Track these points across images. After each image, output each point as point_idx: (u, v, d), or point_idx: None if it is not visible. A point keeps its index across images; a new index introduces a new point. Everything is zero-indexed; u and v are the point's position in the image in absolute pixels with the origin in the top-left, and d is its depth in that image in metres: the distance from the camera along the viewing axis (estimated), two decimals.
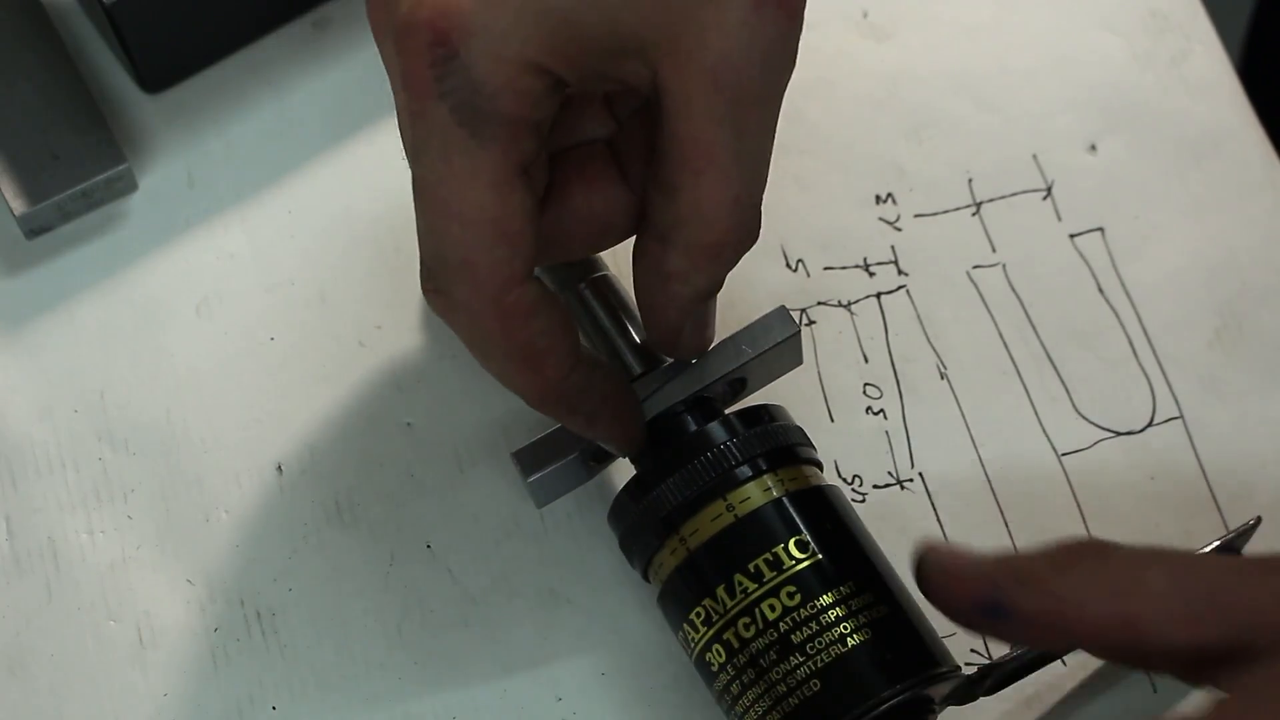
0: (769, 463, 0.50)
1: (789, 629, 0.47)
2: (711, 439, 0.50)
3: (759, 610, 0.48)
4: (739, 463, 0.49)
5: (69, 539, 0.56)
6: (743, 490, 0.49)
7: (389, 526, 0.56)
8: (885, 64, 0.63)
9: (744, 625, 0.48)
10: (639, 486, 0.50)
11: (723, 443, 0.50)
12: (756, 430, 0.50)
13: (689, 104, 0.46)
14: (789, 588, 0.48)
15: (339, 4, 0.63)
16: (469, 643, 0.55)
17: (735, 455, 0.49)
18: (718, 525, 0.49)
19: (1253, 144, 0.62)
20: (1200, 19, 0.64)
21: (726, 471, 0.49)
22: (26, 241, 0.60)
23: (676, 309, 0.49)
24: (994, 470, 0.58)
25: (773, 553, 0.48)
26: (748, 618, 0.48)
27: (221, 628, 0.55)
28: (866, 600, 0.48)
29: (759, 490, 0.49)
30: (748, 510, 0.49)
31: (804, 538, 0.48)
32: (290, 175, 0.61)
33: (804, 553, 0.48)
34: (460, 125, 0.45)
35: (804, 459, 0.51)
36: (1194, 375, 0.59)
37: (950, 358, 0.59)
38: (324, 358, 0.59)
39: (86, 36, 0.63)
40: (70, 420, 0.58)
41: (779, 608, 0.48)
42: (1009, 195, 0.62)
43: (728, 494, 0.49)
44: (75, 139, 0.59)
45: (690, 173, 0.47)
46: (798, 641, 0.47)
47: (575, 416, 0.50)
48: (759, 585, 0.48)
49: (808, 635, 0.47)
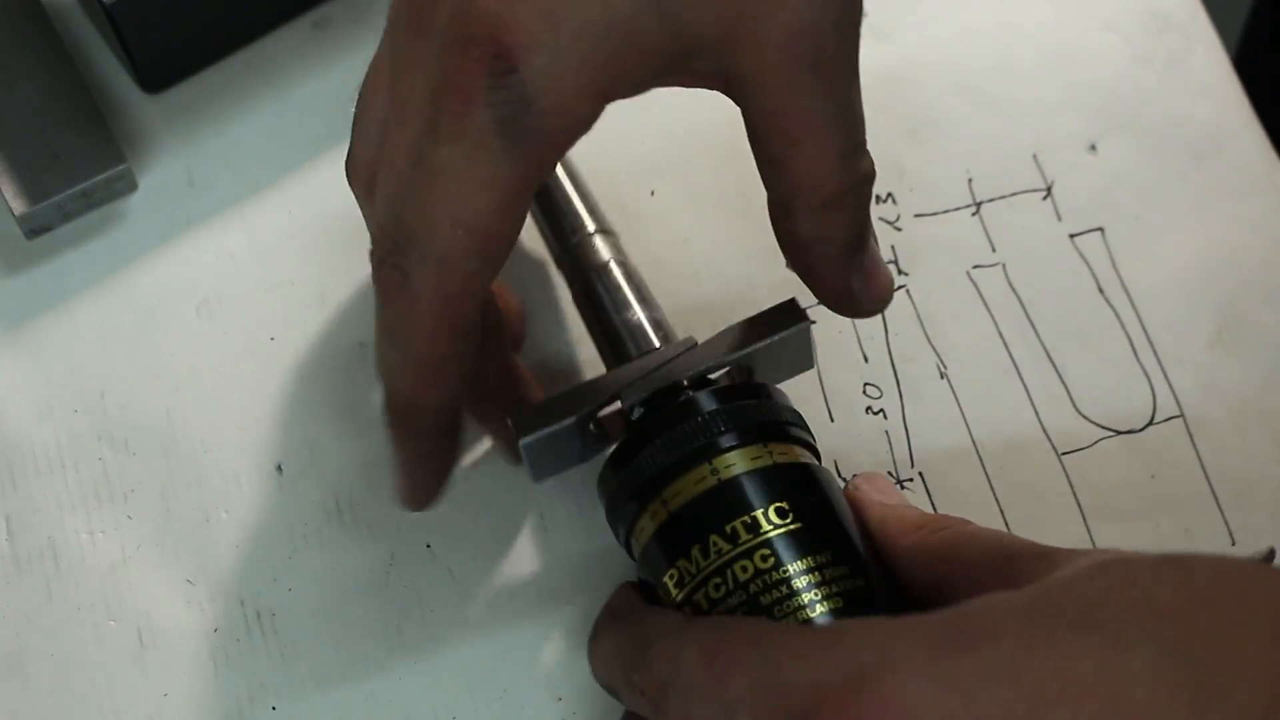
0: (760, 434, 0.49)
1: (758, 591, 0.47)
2: (701, 405, 0.50)
3: (731, 570, 0.47)
4: (728, 429, 0.49)
5: (69, 539, 0.56)
6: (729, 456, 0.49)
7: (389, 526, 0.56)
8: (885, 64, 0.63)
9: (714, 586, 0.47)
10: (627, 449, 0.50)
11: (713, 409, 0.49)
12: (751, 402, 0.50)
13: (768, 82, 0.46)
14: (763, 550, 0.47)
15: (339, 4, 0.63)
16: (469, 643, 0.55)
17: (725, 422, 0.49)
18: (700, 488, 0.48)
19: (1253, 144, 0.62)
20: (1200, 19, 0.64)
21: (714, 437, 0.49)
22: (26, 241, 0.60)
23: (832, 270, 0.49)
24: (994, 470, 0.58)
25: (751, 516, 0.48)
26: (719, 578, 0.47)
27: (221, 628, 0.55)
28: (841, 572, 0.47)
29: (746, 459, 0.49)
30: (731, 475, 0.48)
31: (784, 505, 0.48)
32: (290, 175, 0.61)
33: (783, 519, 0.48)
34: (500, 136, 0.45)
35: (796, 438, 0.50)
36: (1194, 375, 0.59)
37: (950, 357, 0.59)
38: (324, 358, 0.59)
39: (86, 36, 0.63)
40: (70, 420, 0.58)
41: (750, 569, 0.47)
42: (1009, 195, 0.62)
43: (713, 459, 0.49)
44: (75, 139, 0.59)
45: (789, 143, 0.47)
46: (765, 604, 0.46)
47: (412, 443, 0.51)
48: (734, 547, 0.47)
49: (776, 599, 0.46)
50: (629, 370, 0.52)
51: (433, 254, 0.46)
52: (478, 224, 0.45)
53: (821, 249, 0.49)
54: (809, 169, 0.47)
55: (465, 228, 0.46)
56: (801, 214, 0.48)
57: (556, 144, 0.46)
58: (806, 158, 0.47)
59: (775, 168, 0.48)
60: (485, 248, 0.46)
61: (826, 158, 0.47)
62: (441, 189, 0.46)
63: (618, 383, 0.52)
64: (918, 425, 0.58)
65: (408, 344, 0.48)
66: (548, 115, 0.45)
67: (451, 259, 0.46)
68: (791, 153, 0.47)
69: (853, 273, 0.50)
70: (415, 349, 0.48)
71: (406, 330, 0.48)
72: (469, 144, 0.45)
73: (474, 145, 0.45)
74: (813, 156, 0.47)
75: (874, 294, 0.51)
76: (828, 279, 0.50)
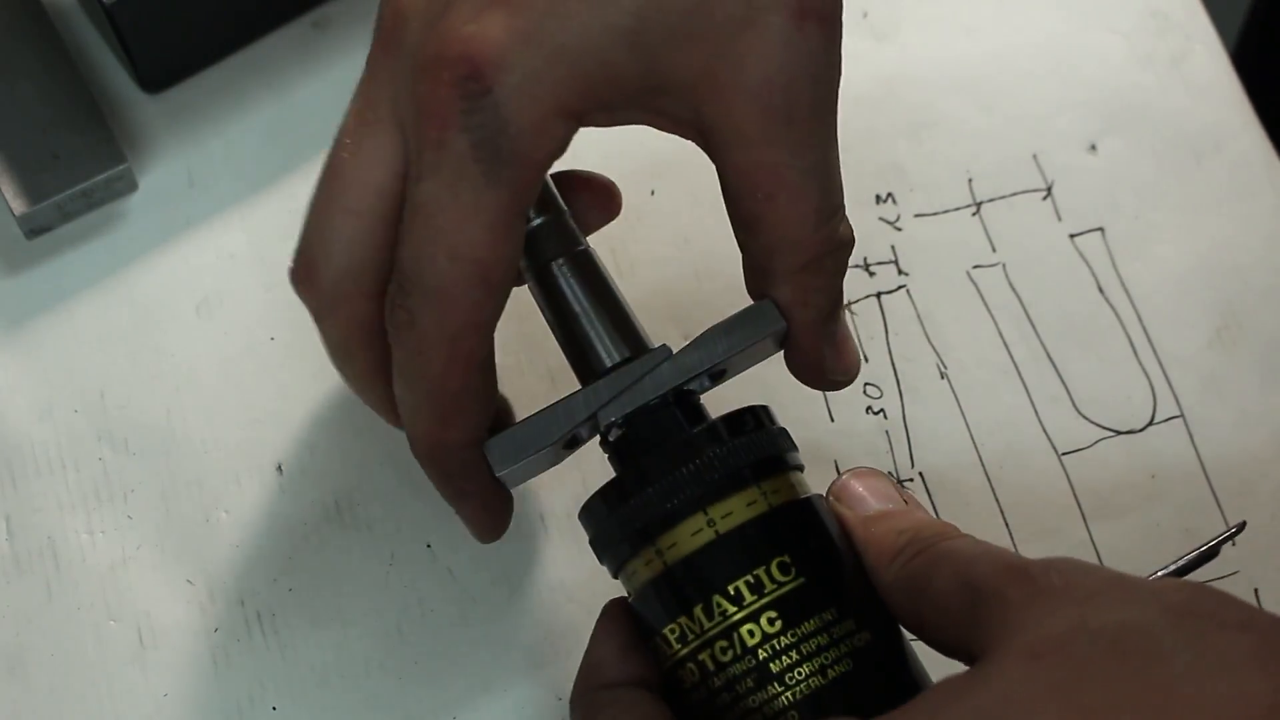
0: (753, 474, 0.47)
1: (768, 657, 0.45)
2: (694, 448, 0.47)
3: (738, 635, 0.46)
4: (722, 475, 0.47)
5: (69, 539, 0.56)
6: (725, 504, 0.47)
7: (389, 526, 0.56)
8: (885, 64, 0.63)
9: (721, 649, 0.46)
10: (616, 491, 0.48)
11: (706, 453, 0.47)
12: (741, 440, 0.48)
13: (741, 133, 0.46)
14: (770, 613, 0.46)
15: (339, 4, 0.63)
16: (469, 643, 0.55)
17: (718, 467, 0.47)
18: (697, 541, 0.47)
19: (1253, 144, 0.62)
20: (1200, 19, 0.64)
21: (709, 484, 0.47)
22: (26, 241, 0.60)
23: (807, 338, 0.49)
24: (994, 470, 0.58)
25: (754, 575, 0.46)
26: (725, 641, 0.46)
27: (222, 628, 0.55)
28: (848, 628, 0.46)
29: (742, 505, 0.47)
30: (730, 527, 0.47)
31: (786, 560, 0.46)
32: (290, 175, 0.61)
33: (786, 575, 0.46)
34: (477, 162, 0.45)
35: (789, 465, 0.48)
36: (1194, 374, 0.59)
37: (950, 357, 0.59)
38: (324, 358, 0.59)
39: (86, 36, 0.63)
40: (70, 420, 0.58)
41: (759, 634, 0.46)
42: (1009, 195, 0.62)
43: (709, 507, 0.47)
44: (75, 139, 0.59)
45: (763, 199, 0.46)
46: (776, 671, 0.45)
47: (449, 484, 0.50)
48: (739, 609, 0.46)
49: (787, 665, 0.45)
50: (602, 387, 0.49)
51: (433, 289, 0.46)
52: (472, 253, 0.45)
53: (797, 314, 0.48)
54: (784, 228, 0.47)
55: (459, 258, 0.45)
56: (778, 277, 0.48)
57: (535, 164, 0.45)
58: (781, 215, 0.47)
59: (750, 228, 0.47)
60: (484, 276, 0.46)
61: (802, 217, 0.47)
62: (431, 223, 0.45)
63: (591, 404, 0.49)
64: (918, 425, 0.58)
65: (421, 383, 0.47)
66: (523, 136, 0.45)
67: (451, 292, 0.46)
68: (766, 210, 0.47)
69: (825, 342, 0.49)
70: (429, 388, 0.47)
71: (418, 370, 0.47)
72: (449, 174, 0.45)
73: (454, 175, 0.45)
74: (788, 215, 0.47)
75: (843, 366, 0.50)
76: (801, 347, 0.49)
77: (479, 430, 0.48)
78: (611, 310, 0.50)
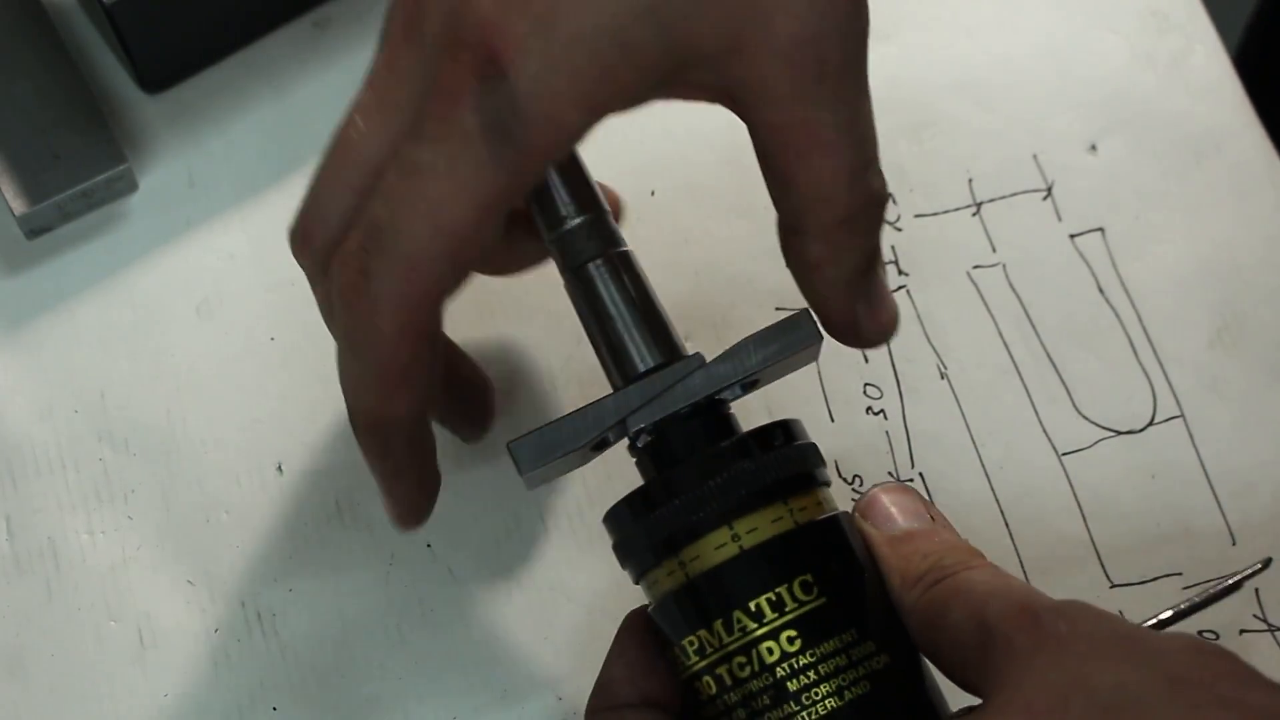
0: (780, 490, 0.47)
1: (785, 675, 0.45)
2: (723, 461, 0.47)
3: (757, 651, 0.46)
4: (749, 490, 0.46)
5: (69, 539, 0.56)
6: (751, 520, 0.46)
7: (389, 526, 0.56)
8: (885, 64, 0.63)
9: (739, 664, 0.46)
10: (643, 500, 0.48)
11: (734, 467, 0.47)
12: (769, 456, 0.47)
13: (771, 92, 0.45)
14: (789, 632, 0.45)
15: (339, 4, 0.63)
16: (469, 643, 0.55)
17: (746, 482, 0.47)
18: (721, 555, 0.46)
19: (1253, 144, 0.62)
20: (1200, 19, 0.64)
21: (735, 499, 0.46)
22: (26, 241, 0.60)
23: (838, 295, 0.48)
24: (994, 470, 0.58)
25: (776, 592, 0.46)
26: (744, 657, 0.46)
27: (222, 628, 0.55)
28: (868, 650, 0.46)
29: (767, 521, 0.46)
30: (754, 543, 0.46)
31: (809, 579, 0.46)
32: (290, 175, 0.61)
33: (808, 595, 0.46)
34: (485, 141, 0.44)
35: (817, 482, 0.48)
36: (1194, 375, 0.59)
37: (950, 358, 0.59)
38: (324, 358, 0.58)
39: (86, 36, 0.63)
40: (70, 420, 0.58)
41: (778, 652, 0.45)
42: (1009, 195, 0.62)
43: (735, 522, 0.46)
44: (75, 139, 0.59)
45: (796, 156, 0.46)
46: (794, 690, 0.45)
47: (386, 460, 0.49)
48: (759, 625, 0.46)
49: (804, 685, 0.45)
50: (633, 393, 0.49)
51: (401, 254, 0.45)
52: (452, 227, 0.45)
53: (829, 272, 0.48)
54: (818, 184, 0.46)
55: (439, 230, 0.45)
56: (811, 234, 0.47)
57: (542, 153, 0.45)
58: (815, 172, 0.46)
59: (784, 185, 0.47)
60: (456, 253, 0.45)
61: (836, 173, 0.46)
62: (418, 188, 0.45)
63: (621, 409, 0.48)
64: (918, 425, 0.58)
65: (368, 352, 0.46)
66: (536, 123, 0.44)
67: (420, 261, 0.45)
68: (800, 167, 0.46)
69: (859, 299, 0.48)
70: (377, 357, 0.46)
71: (367, 337, 0.46)
72: (453, 144, 0.44)
73: (458, 146, 0.44)
74: (822, 171, 0.46)
75: (878, 324, 0.49)
76: (833, 304, 0.48)
77: (423, 405, 0.48)
78: (647, 314, 0.49)
